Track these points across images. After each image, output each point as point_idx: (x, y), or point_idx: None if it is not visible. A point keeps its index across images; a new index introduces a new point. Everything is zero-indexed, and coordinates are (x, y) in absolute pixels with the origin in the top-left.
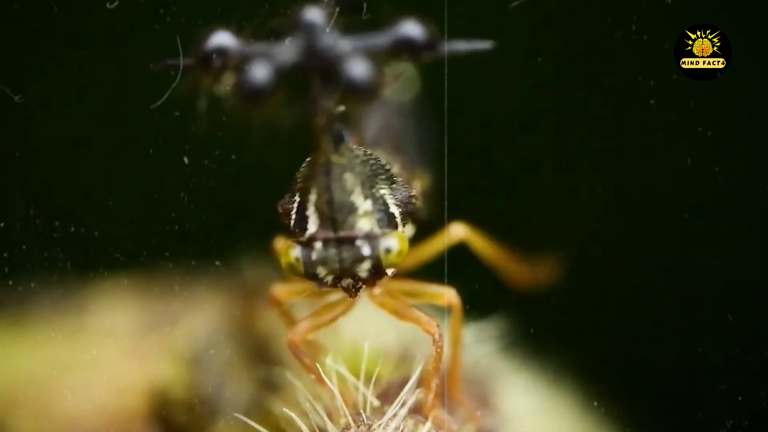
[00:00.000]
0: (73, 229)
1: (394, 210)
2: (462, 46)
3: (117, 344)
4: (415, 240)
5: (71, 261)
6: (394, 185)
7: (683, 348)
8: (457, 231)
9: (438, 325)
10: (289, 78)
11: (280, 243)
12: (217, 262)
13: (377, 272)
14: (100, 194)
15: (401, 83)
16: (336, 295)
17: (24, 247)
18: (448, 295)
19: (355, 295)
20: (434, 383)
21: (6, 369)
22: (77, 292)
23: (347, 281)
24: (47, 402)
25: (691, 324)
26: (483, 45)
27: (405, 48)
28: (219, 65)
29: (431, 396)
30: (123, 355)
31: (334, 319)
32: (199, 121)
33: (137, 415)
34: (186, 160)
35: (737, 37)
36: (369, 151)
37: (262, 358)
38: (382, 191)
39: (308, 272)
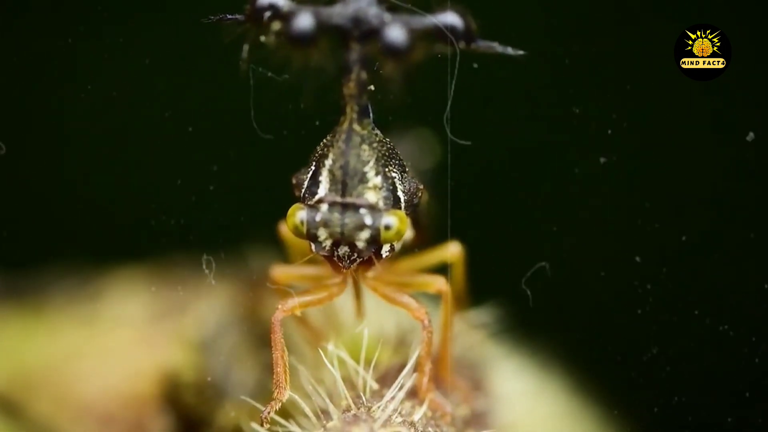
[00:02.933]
0: (87, 222)
1: (401, 195)
2: (496, 47)
3: (130, 331)
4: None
5: (86, 252)
6: (405, 175)
7: (668, 335)
8: (454, 249)
9: (427, 312)
10: (331, 42)
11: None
12: (222, 255)
13: (374, 244)
14: (113, 189)
15: (422, 152)
16: (331, 279)
17: (41, 239)
18: (438, 283)
19: (348, 268)
20: (427, 367)
21: (25, 354)
22: (92, 281)
23: (344, 249)
24: (64, 386)
25: (677, 313)
26: (515, 51)
27: (444, 33)
28: (269, 20)
29: (425, 380)
30: (135, 341)
31: (324, 300)
32: (242, 66)
33: (149, 398)
34: (195, 157)
35: (737, 37)
36: (388, 139)
37: (267, 344)
38: (394, 174)
39: (310, 233)
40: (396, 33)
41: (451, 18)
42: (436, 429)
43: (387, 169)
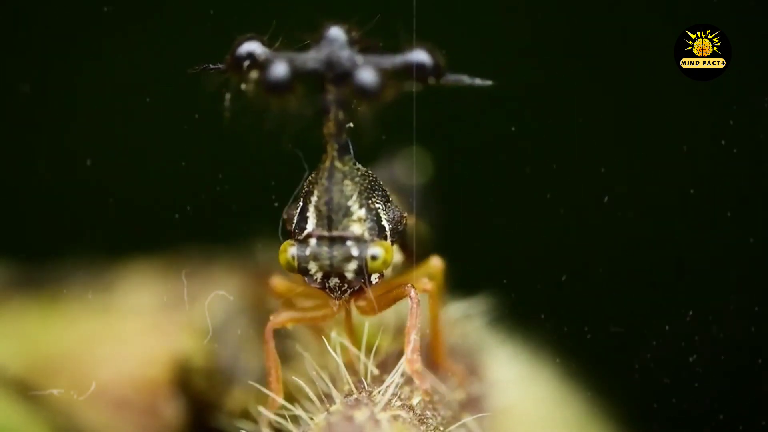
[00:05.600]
0: (102, 216)
1: (386, 224)
2: (465, 79)
3: (143, 320)
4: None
5: (101, 245)
6: (388, 204)
7: (657, 323)
8: (435, 263)
9: (411, 285)
10: (308, 85)
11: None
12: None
13: (362, 274)
14: (126, 184)
15: (415, 168)
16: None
17: (58, 232)
18: (422, 284)
19: (339, 298)
20: (413, 337)
21: (43, 342)
22: (107, 272)
23: (334, 281)
24: (80, 372)
25: (666, 301)
26: (484, 82)
27: (414, 70)
28: (248, 67)
29: (409, 349)
30: (148, 329)
31: (317, 320)
32: (225, 114)
33: (161, 383)
34: (203, 152)
35: (737, 37)
36: (370, 171)
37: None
38: (377, 205)
39: (301, 267)
40: (367, 75)
41: (420, 55)
42: (433, 413)
43: (370, 201)
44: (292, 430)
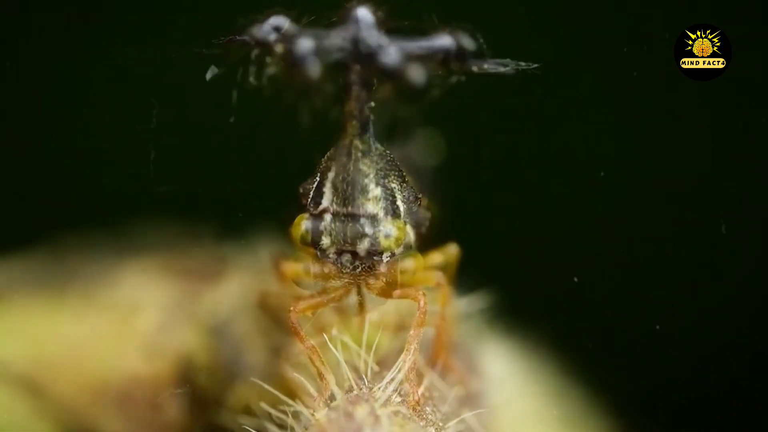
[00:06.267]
0: (107, 213)
1: (400, 204)
2: (488, 67)
3: (147, 316)
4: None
5: (107, 242)
6: (404, 184)
7: (652, 319)
8: (452, 250)
9: (424, 294)
10: (333, 63)
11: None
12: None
13: (374, 252)
14: (131, 184)
15: (428, 149)
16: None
17: (63, 229)
18: (436, 277)
19: (350, 274)
20: (413, 347)
21: (48, 338)
22: (112, 270)
23: (346, 257)
24: (84, 368)
25: (660, 297)
26: (527, 65)
27: (452, 54)
28: (273, 42)
29: (409, 357)
30: (152, 326)
31: (332, 301)
32: (241, 85)
33: (165, 380)
34: (208, 155)
35: (737, 37)
36: (388, 151)
37: (276, 329)
38: (393, 185)
39: (314, 241)
40: (391, 57)
41: (446, 40)
42: (433, 408)
43: (387, 181)
44: (294, 426)
